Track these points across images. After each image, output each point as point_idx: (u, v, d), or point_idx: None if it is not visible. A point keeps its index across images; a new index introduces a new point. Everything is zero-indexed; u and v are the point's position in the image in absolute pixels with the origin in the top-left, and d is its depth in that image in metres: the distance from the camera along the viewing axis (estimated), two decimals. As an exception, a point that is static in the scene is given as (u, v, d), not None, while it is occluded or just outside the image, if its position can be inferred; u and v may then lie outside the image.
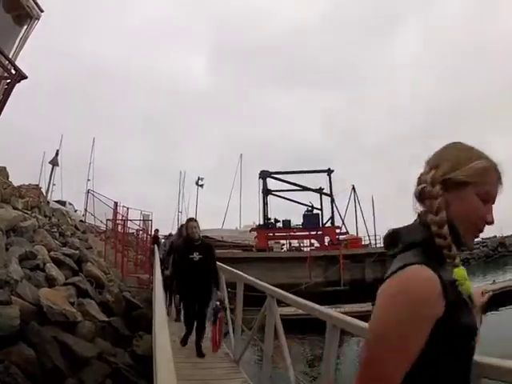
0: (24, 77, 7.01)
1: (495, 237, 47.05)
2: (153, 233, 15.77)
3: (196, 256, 5.84)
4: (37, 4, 7.99)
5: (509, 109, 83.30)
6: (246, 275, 6.40)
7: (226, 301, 7.02)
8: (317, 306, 3.51)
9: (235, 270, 7.08)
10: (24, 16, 8.01)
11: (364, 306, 17.37)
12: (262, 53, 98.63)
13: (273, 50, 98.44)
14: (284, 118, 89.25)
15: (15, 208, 9.89)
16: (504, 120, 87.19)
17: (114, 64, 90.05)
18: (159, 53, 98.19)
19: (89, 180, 40.87)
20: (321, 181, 37.87)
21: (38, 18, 8.04)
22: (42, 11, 8.13)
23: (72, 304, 8.36)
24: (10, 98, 6.95)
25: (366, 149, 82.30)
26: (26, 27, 8.24)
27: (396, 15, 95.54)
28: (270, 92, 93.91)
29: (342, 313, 3.67)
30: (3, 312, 5.77)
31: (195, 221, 6.18)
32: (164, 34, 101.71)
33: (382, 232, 34.20)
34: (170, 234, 13.54)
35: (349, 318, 3.05)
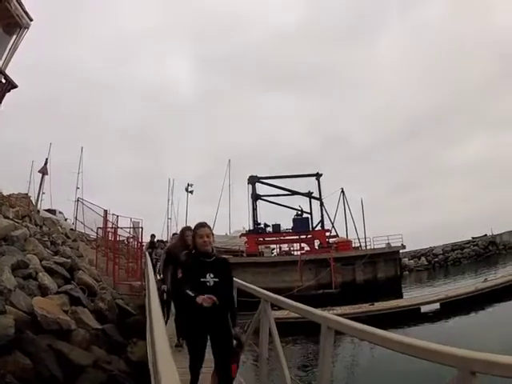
0: (14, 86, 6.99)
1: (485, 236, 47.72)
2: (149, 238, 15.33)
3: (210, 279, 3.89)
4: (26, 13, 7.96)
5: (489, 108, 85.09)
6: (239, 280, 6.43)
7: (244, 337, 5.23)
8: (311, 309, 3.54)
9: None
10: (13, 25, 7.97)
11: (356, 308, 17.53)
12: (246, 59, 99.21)
13: (257, 56, 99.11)
14: (270, 124, 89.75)
15: (6, 217, 9.83)
16: (486, 119, 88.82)
17: (101, 73, 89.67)
18: (145, 61, 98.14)
19: (78, 188, 40.60)
20: (309, 185, 38.10)
21: (27, 27, 8.00)
22: (31, 20, 8.10)
23: (66, 312, 8.32)
24: (0, 107, 6.93)
25: (353, 152, 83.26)
26: (15, 36, 8.20)
27: (377, 19, 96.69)
28: (256, 98, 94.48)
29: (335, 315, 3.73)
30: (-2, 321, 5.73)
31: (208, 226, 4.06)
32: (150, 43, 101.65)
33: (372, 234, 34.65)
34: (162, 241, 13.14)
35: (343, 319, 3.12)
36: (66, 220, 21.56)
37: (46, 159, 13.86)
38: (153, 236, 15.39)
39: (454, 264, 43.21)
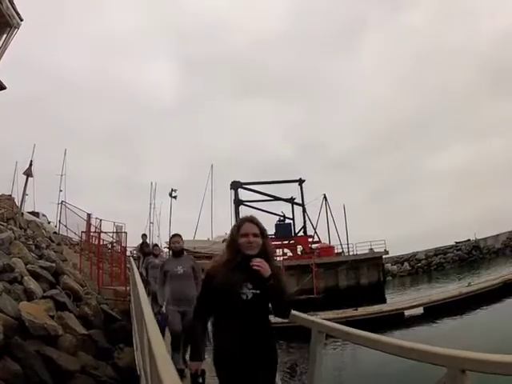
0: (3, 87, 6.89)
1: (469, 240, 48.51)
2: (140, 240, 13.27)
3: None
4: (17, 13, 7.84)
5: (471, 115, 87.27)
6: None
7: None
8: (300, 314, 3.54)
9: None
10: (3, 25, 7.84)
11: (340, 313, 17.62)
12: (229, 64, 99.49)
13: (239, 62, 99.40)
14: (252, 129, 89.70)
15: (-10, 220, 9.62)
16: (462, 127, 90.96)
17: (83, 75, 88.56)
18: (128, 64, 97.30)
19: (61, 191, 39.75)
20: (292, 191, 38.33)
21: (17, 27, 7.88)
22: (21, 20, 7.98)
23: (52, 317, 8.21)
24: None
25: (334, 159, 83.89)
26: (5, 36, 8.07)
27: (357, 27, 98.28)
28: (238, 103, 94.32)
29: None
30: (-13, 327, 5.60)
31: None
32: (132, 46, 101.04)
33: (355, 240, 34.99)
34: (156, 245, 10.58)
35: (333, 324, 3.18)
36: (49, 223, 21.14)
37: (31, 161, 13.64)
38: (144, 236, 13.51)
39: (438, 269, 43.64)
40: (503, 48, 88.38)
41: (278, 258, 34.00)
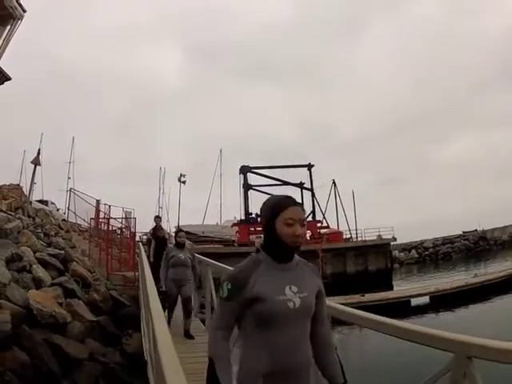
0: (8, 78, 6.91)
1: (476, 231, 48.20)
2: (153, 224, 11.68)
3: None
4: (20, 4, 7.79)
5: (475, 106, 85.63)
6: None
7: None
8: None
9: (222, 265, 7.10)
10: (7, 17, 7.81)
11: (348, 298, 17.67)
12: (235, 51, 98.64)
13: (246, 48, 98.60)
14: (259, 115, 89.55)
15: (-1, 210, 9.76)
16: (470, 117, 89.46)
17: (89, 65, 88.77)
18: (134, 52, 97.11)
19: (69, 178, 40.20)
20: (301, 176, 38.21)
21: (20, 19, 7.85)
22: (24, 11, 7.93)
23: (60, 305, 8.32)
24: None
25: (343, 145, 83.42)
26: (9, 28, 8.05)
27: (367, 14, 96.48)
28: (245, 89, 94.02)
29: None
30: (-6, 318, 5.73)
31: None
32: (137, 34, 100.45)
33: (363, 226, 34.95)
34: (181, 231, 7.87)
35: (340, 306, 3.17)
36: (58, 210, 21.37)
37: (39, 150, 13.73)
38: (158, 219, 11.76)
39: (445, 258, 43.59)
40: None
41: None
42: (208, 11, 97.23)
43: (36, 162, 13.54)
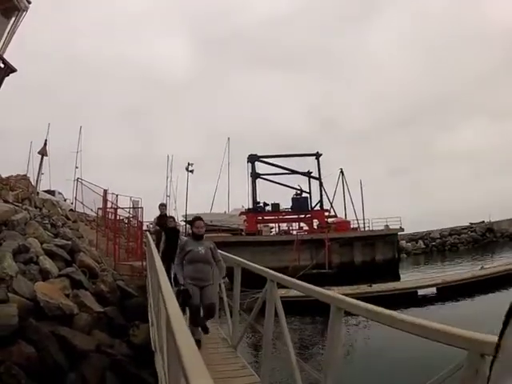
0: (13, 70, 6.84)
1: (483, 222, 47.78)
2: (158, 211, 10.95)
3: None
4: (25, -4, 7.72)
5: (488, 93, 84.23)
6: (243, 260, 6.31)
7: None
8: (319, 289, 3.53)
9: (232, 256, 6.85)
10: (11, 8, 7.72)
11: (354, 288, 17.66)
12: (244, 40, 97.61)
13: (255, 37, 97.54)
14: (268, 105, 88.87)
15: (6, 201, 9.76)
16: (480, 106, 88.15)
17: (95, 55, 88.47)
18: (139, 43, 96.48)
19: (77, 168, 40.23)
20: (309, 165, 37.99)
21: (25, 10, 7.76)
22: (29, 2, 7.83)
23: (67, 296, 8.34)
24: (-1, 91, 6.81)
25: (351, 134, 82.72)
26: (13, 19, 7.96)
27: (377, 2, 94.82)
28: (253, 78, 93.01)
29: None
30: (2, 312, 5.75)
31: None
32: (145, 23, 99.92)
33: (370, 216, 34.76)
34: (199, 218, 6.39)
35: (352, 300, 3.09)
36: (65, 200, 21.47)
37: (46, 140, 13.72)
38: (163, 207, 11.03)
39: (451, 249, 43.47)
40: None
41: (294, 232, 34.17)
42: (214, 1, 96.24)
43: (43, 152, 13.55)
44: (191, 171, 33.24)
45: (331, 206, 36.68)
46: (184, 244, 5.99)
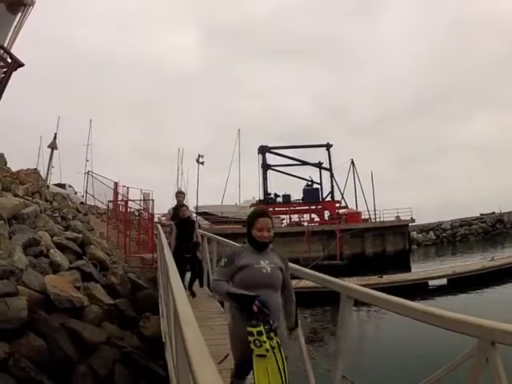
0: (21, 64, 6.86)
1: (493, 213, 47.32)
2: (175, 200, 9.67)
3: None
4: (31, -9, 7.69)
5: (498, 85, 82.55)
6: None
7: None
8: (330, 278, 3.52)
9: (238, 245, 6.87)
10: (17, 3, 7.71)
11: (365, 280, 17.58)
12: (253, 31, 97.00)
13: (263, 28, 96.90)
14: (277, 95, 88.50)
15: (16, 195, 9.84)
16: (492, 97, 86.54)
17: (105, 48, 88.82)
18: (149, 36, 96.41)
19: (87, 161, 40.61)
20: (319, 156, 37.82)
21: (32, 5, 7.75)
22: (35, -3, 7.84)
23: (78, 289, 8.39)
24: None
25: (361, 125, 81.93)
26: (20, 14, 7.96)
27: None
28: (263, 70, 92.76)
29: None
30: (11, 304, 5.78)
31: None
32: (154, 15, 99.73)
33: (381, 207, 34.54)
34: (265, 213, 3.23)
35: (363, 288, 3.10)
36: (75, 193, 21.63)
37: (55, 134, 13.84)
38: (180, 195, 9.62)
39: (462, 240, 43.28)
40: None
41: (305, 223, 34.08)
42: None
43: (53, 146, 13.64)
44: (202, 163, 33.32)
45: (342, 197, 36.57)
46: (235, 254, 3.15)
